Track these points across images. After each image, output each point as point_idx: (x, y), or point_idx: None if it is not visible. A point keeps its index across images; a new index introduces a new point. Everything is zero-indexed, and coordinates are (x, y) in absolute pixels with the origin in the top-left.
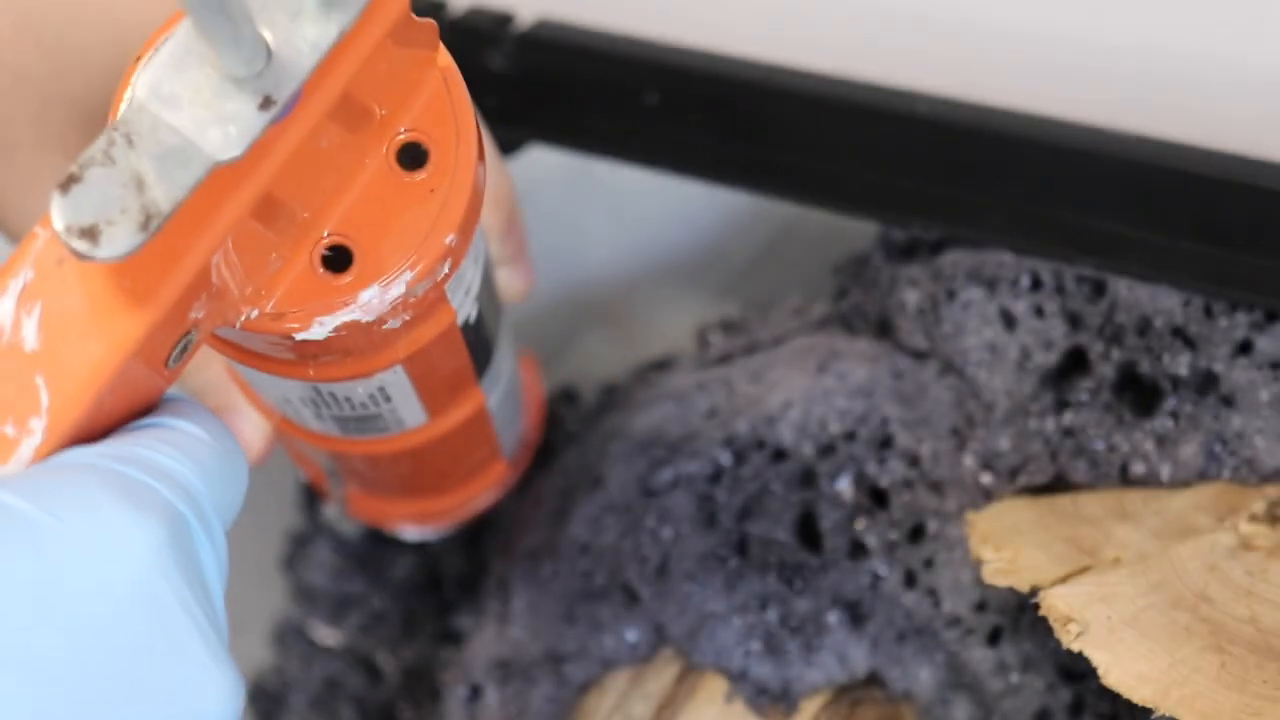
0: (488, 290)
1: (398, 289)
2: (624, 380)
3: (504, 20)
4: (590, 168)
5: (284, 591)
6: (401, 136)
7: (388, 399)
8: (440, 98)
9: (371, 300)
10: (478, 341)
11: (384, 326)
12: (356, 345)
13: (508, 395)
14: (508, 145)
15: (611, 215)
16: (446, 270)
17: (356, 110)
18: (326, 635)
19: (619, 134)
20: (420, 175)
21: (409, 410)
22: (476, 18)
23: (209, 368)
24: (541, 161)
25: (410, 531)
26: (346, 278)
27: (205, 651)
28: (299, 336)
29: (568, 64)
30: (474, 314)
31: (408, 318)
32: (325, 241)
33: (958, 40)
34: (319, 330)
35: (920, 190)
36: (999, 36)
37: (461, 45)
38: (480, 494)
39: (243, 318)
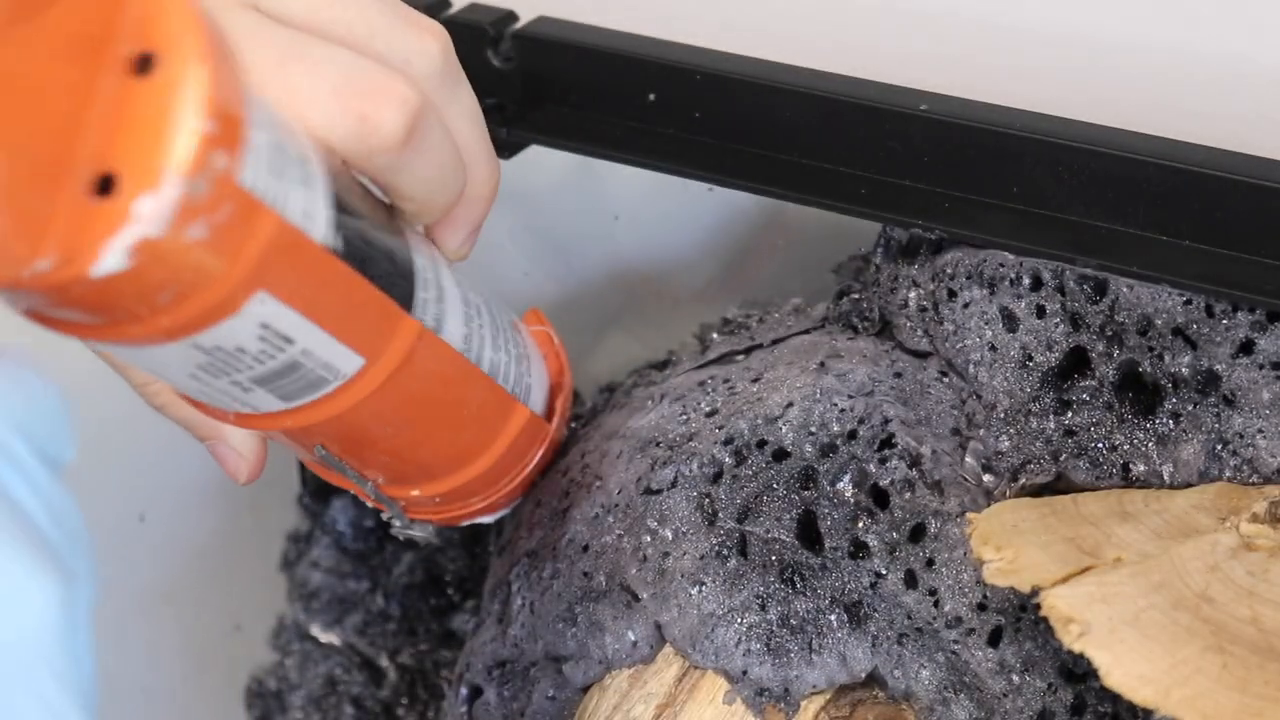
0: (371, 213)
1: (170, 190)
2: (624, 380)
3: (504, 18)
4: (590, 167)
5: (284, 591)
6: (127, 49)
7: (288, 339)
8: (154, 2)
9: (148, 209)
10: (372, 263)
11: (186, 236)
12: (182, 274)
13: (482, 333)
14: (508, 145)
15: (611, 215)
16: (223, 164)
17: (64, 37)
18: (326, 635)
19: (619, 134)
20: (156, 78)
21: (330, 351)
22: (476, 14)
23: (184, 404)
24: (541, 161)
25: (483, 517)
26: (117, 196)
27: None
28: (95, 272)
29: (567, 62)
30: (356, 235)
31: (210, 223)
32: (87, 171)
33: (958, 39)
34: (114, 258)
35: (920, 190)
36: (1000, 35)
37: (461, 43)
38: (520, 449)
39: (28, 272)
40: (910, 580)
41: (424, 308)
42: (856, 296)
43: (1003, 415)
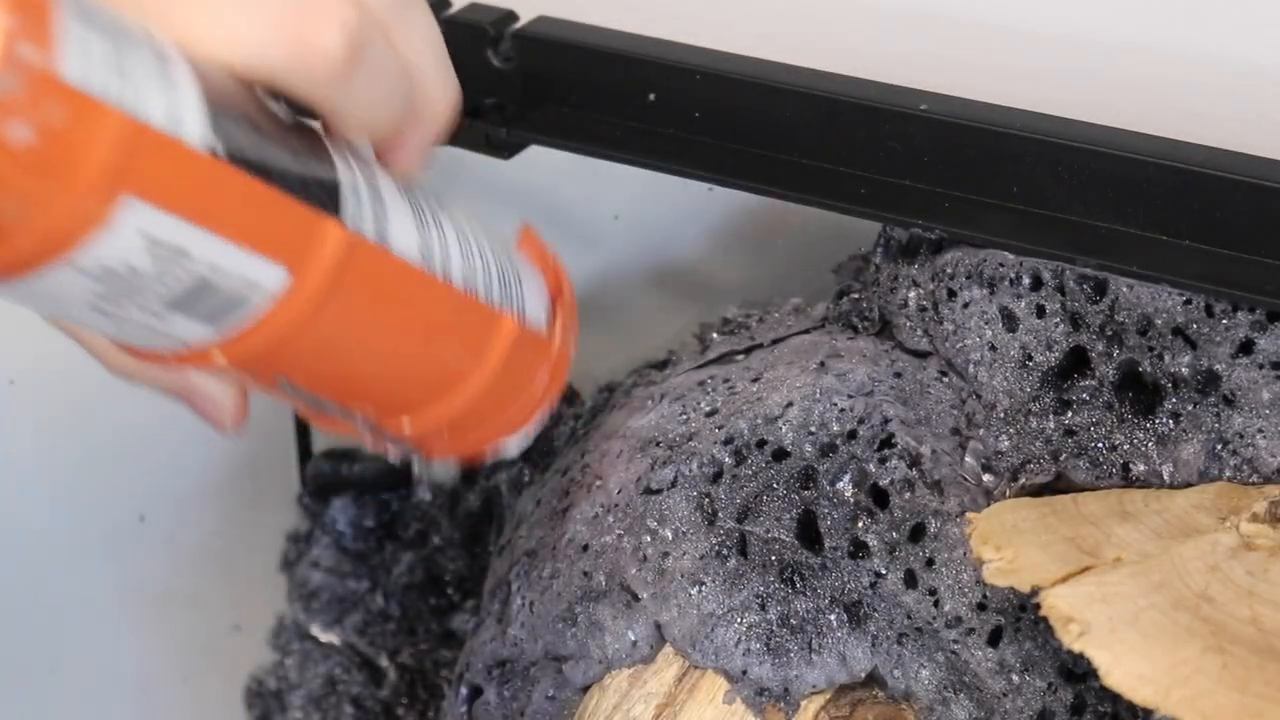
0: (272, 119)
1: None
2: (624, 380)
3: (504, 18)
4: (590, 167)
5: (284, 591)
6: None
7: (183, 252)
8: None
9: None
10: (275, 168)
11: (7, 138)
12: (19, 183)
13: (445, 245)
14: (508, 145)
15: (611, 215)
16: (35, 57)
17: None
18: (326, 635)
19: (619, 134)
20: None
21: (240, 264)
22: (476, 14)
23: (148, 367)
24: (541, 161)
25: (510, 444)
26: None
27: None
28: None
29: (567, 62)
30: (250, 139)
31: (34, 124)
32: None
33: (958, 39)
34: None
35: (920, 190)
36: (1000, 35)
37: (461, 43)
38: (521, 367)
39: None
40: (910, 580)
41: (356, 217)
42: (856, 296)
43: (1003, 415)
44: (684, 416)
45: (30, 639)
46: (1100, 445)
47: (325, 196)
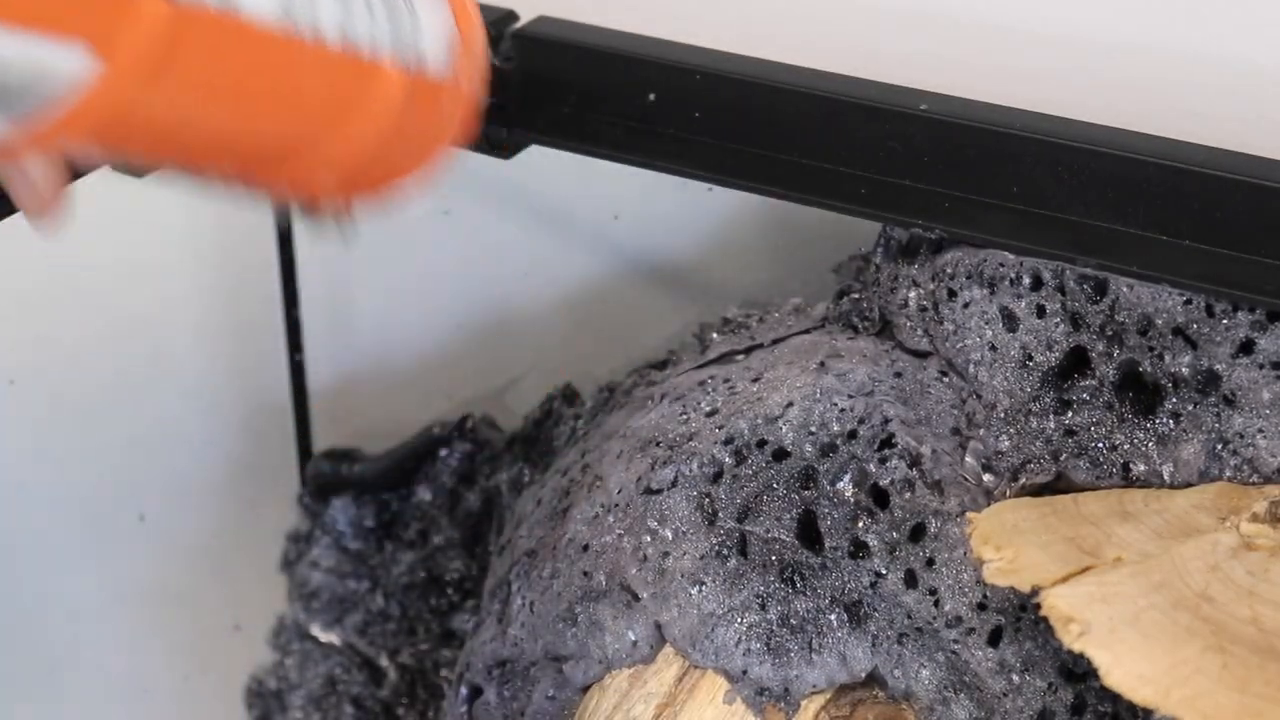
0: None
1: None
2: (624, 380)
3: (504, 18)
4: (590, 167)
5: (284, 591)
6: None
7: None
8: None
9: None
10: None
11: None
12: None
13: None
14: (508, 146)
15: (611, 215)
16: None
17: None
18: (326, 635)
19: (619, 134)
20: None
21: (28, 53)
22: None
23: None
24: (541, 161)
25: (408, 189)
26: None
27: None
28: None
29: (567, 62)
30: None
31: None
32: None
33: (958, 39)
34: None
35: (920, 190)
36: (1000, 35)
37: None
38: (420, 114)
39: None
40: (910, 580)
41: None
42: (856, 296)
43: (1003, 415)
44: (684, 416)
45: (30, 639)
46: (1100, 445)
47: None
